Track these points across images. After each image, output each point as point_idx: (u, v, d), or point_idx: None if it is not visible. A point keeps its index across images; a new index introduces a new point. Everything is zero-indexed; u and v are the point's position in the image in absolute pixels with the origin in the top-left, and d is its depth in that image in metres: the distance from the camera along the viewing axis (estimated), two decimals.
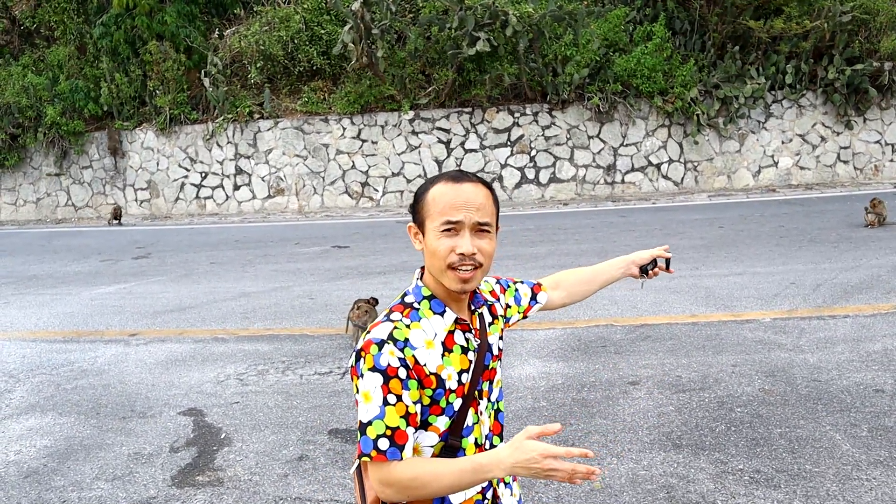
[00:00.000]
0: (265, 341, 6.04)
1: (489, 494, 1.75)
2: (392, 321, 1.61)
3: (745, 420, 3.96)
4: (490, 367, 1.75)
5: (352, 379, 1.61)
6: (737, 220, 10.83)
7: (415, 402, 1.56)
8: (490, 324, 1.82)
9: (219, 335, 6.31)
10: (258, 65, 15.71)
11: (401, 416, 1.53)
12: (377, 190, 15.32)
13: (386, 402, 1.52)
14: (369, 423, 1.53)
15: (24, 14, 17.92)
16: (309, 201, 15.59)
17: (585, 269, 2.17)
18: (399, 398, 1.53)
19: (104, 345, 6.23)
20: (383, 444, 1.52)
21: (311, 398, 4.70)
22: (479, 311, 1.78)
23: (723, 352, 5.08)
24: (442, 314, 1.67)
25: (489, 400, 1.77)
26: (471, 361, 1.68)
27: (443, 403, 1.62)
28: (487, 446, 1.74)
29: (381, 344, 1.55)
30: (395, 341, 1.56)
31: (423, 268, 1.72)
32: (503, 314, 1.96)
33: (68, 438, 4.28)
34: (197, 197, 16.24)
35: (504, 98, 15.03)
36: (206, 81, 15.59)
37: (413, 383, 1.55)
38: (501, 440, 1.79)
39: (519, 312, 2.08)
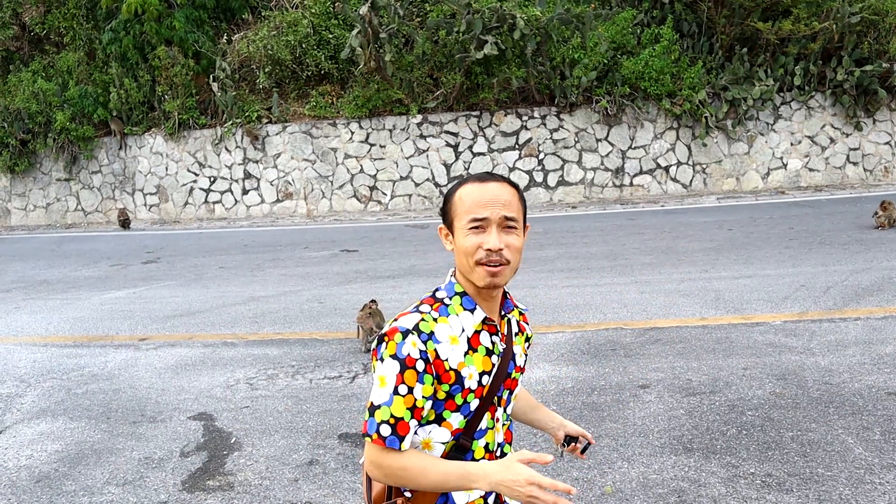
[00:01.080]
0: (275, 345, 6.05)
1: (490, 499, 1.76)
2: (421, 312, 1.64)
3: (756, 423, 3.95)
4: (512, 377, 1.76)
5: (371, 360, 1.66)
6: (746, 222, 10.79)
7: (426, 398, 1.58)
8: (516, 333, 1.84)
9: (228, 340, 6.32)
10: (266, 69, 15.76)
11: (407, 408, 1.57)
12: (385, 194, 15.33)
13: (396, 392, 1.56)
14: (378, 406, 1.57)
15: (33, 20, 18.02)
16: (317, 205, 15.62)
17: (531, 399, 2.12)
18: (410, 390, 1.56)
19: (114, 349, 6.25)
20: (385, 430, 1.56)
21: (320, 402, 4.70)
22: (509, 316, 1.81)
23: (733, 355, 5.06)
24: (472, 311, 1.69)
25: (505, 410, 1.78)
26: (493, 365, 1.70)
27: (458, 400, 1.64)
28: (499, 454, 1.76)
29: (405, 333, 1.58)
30: (419, 333, 1.59)
31: (454, 271, 1.75)
32: (529, 337, 1.96)
33: (79, 443, 4.29)
34: (206, 201, 16.29)
35: (512, 101, 15.02)
36: (215, 86, 15.64)
37: (428, 378, 1.58)
38: (511, 447, 1.82)
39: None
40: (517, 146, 14.94)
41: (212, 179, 16.20)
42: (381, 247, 10.82)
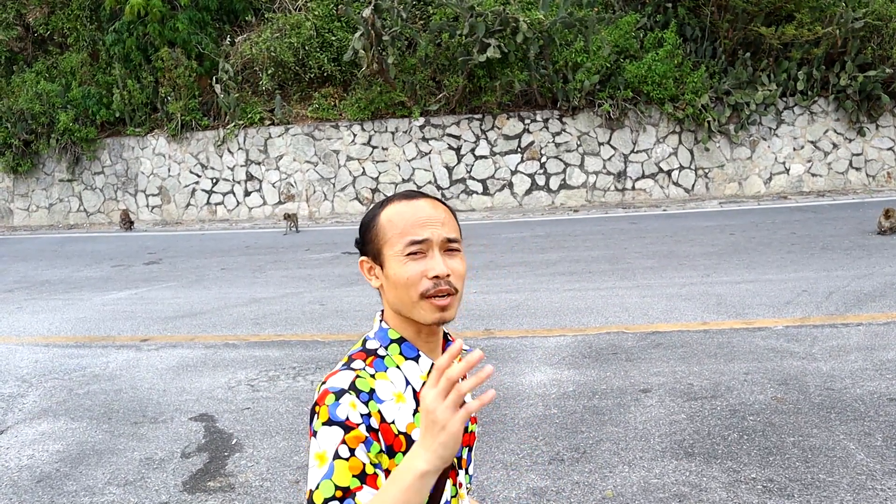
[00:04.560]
0: (276, 347, 6.05)
1: None
2: (353, 370, 1.32)
3: (757, 428, 3.94)
4: (469, 430, 1.49)
5: (308, 439, 1.35)
6: (748, 227, 10.79)
7: (375, 465, 1.24)
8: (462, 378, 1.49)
9: (230, 341, 6.32)
10: (269, 71, 15.79)
11: (354, 475, 1.20)
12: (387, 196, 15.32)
13: (337, 456, 1.21)
14: (316, 487, 1.20)
15: (37, 21, 18.06)
16: (319, 207, 15.63)
17: None
18: (353, 452, 1.21)
19: (116, 350, 6.26)
20: None
21: None
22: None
23: (735, 359, 5.05)
24: (416, 359, 1.39)
25: (466, 471, 1.49)
26: None
27: None
28: None
29: (339, 393, 1.26)
30: (357, 392, 1.27)
31: (381, 313, 1.45)
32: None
33: (80, 443, 4.29)
34: (208, 203, 16.31)
35: (514, 104, 15.04)
36: (218, 88, 15.67)
37: (375, 446, 1.25)
38: None
39: None
40: (519, 149, 14.95)
41: (214, 181, 16.22)
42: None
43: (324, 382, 1.31)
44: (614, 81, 14.50)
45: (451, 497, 1.41)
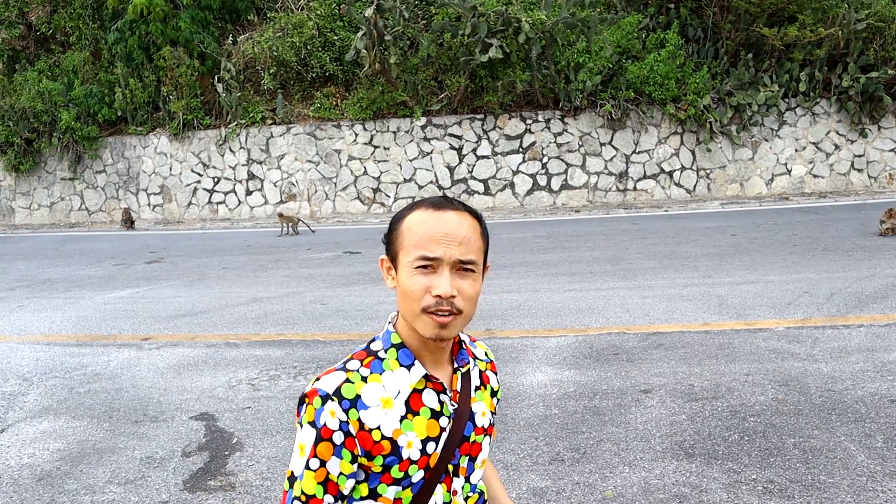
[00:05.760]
0: (277, 346, 6.05)
1: None
2: (346, 371, 1.39)
3: (758, 429, 3.94)
4: (472, 441, 1.50)
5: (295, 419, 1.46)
6: (750, 227, 10.78)
7: (344, 474, 1.36)
8: (477, 389, 1.55)
9: (231, 340, 6.33)
10: (271, 71, 15.79)
11: (318, 483, 1.36)
12: (389, 196, 15.34)
13: (307, 466, 1.36)
14: (294, 478, 1.38)
15: (40, 20, 18.09)
16: (321, 207, 15.64)
17: (496, 488, 1.76)
18: (323, 464, 1.35)
19: (117, 349, 6.26)
20: None
21: None
22: (464, 370, 1.51)
23: (736, 360, 5.05)
24: (409, 367, 1.42)
25: (468, 480, 1.51)
26: (443, 429, 1.43)
27: (396, 474, 1.39)
28: None
29: (325, 398, 1.35)
30: (340, 399, 1.35)
31: (395, 316, 1.49)
32: (496, 391, 1.64)
33: (81, 442, 4.29)
34: (209, 202, 16.32)
35: (516, 105, 15.03)
36: (220, 87, 15.68)
37: (347, 454, 1.35)
38: None
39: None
40: (521, 150, 14.95)
41: (215, 180, 16.23)
42: (384, 249, 10.80)
43: (318, 379, 1.39)
44: (616, 82, 14.49)
45: (445, 502, 1.45)
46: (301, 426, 1.37)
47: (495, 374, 1.64)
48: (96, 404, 4.92)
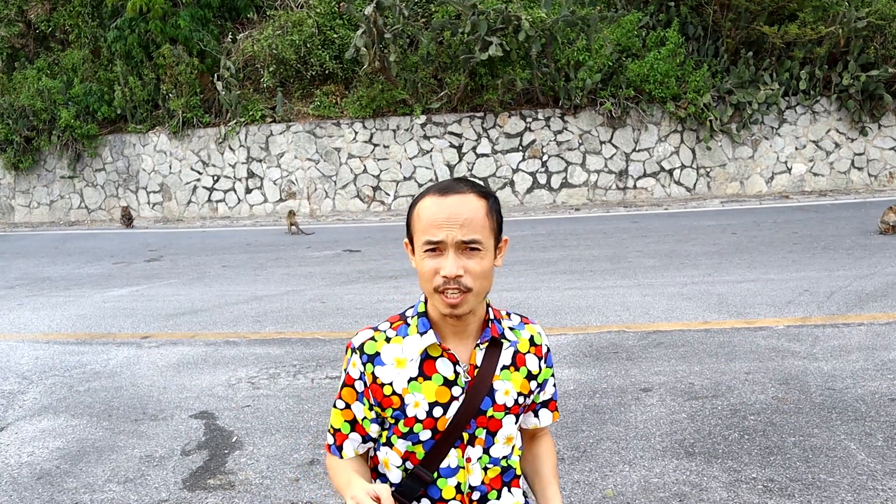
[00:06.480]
0: (276, 345, 6.05)
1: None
2: (376, 330, 1.61)
3: (758, 428, 3.93)
4: (490, 416, 1.57)
5: None
6: (750, 226, 10.78)
7: (367, 418, 1.59)
8: (504, 368, 1.61)
9: (230, 338, 6.32)
10: (271, 69, 15.78)
11: (345, 421, 1.60)
12: (389, 194, 15.33)
13: (336, 405, 1.62)
14: (334, 405, 1.64)
15: (39, 18, 18.06)
16: (320, 205, 15.63)
17: (545, 468, 1.76)
18: (348, 406, 1.59)
19: (116, 347, 6.26)
20: (329, 438, 1.65)
21: (322, 402, 4.70)
22: (484, 345, 1.59)
23: (736, 359, 5.05)
24: (423, 335, 1.55)
25: (487, 452, 1.59)
26: (454, 397, 1.54)
27: (402, 428, 1.54)
28: (476, 498, 1.59)
29: (353, 351, 1.59)
30: (361, 353, 1.57)
31: None
32: (534, 374, 1.66)
33: (80, 440, 4.29)
34: (209, 200, 16.31)
35: (516, 103, 15.02)
36: (219, 85, 15.66)
37: (365, 401, 1.58)
38: (499, 497, 1.62)
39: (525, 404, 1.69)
40: (521, 148, 14.94)
41: (215, 178, 16.22)
42: (384, 247, 10.82)
43: (357, 333, 1.62)
44: (616, 80, 14.48)
45: (458, 467, 1.57)
46: (344, 368, 1.61)
47: (539, 357, 1.68)
48: (96, 403, 4.91)
